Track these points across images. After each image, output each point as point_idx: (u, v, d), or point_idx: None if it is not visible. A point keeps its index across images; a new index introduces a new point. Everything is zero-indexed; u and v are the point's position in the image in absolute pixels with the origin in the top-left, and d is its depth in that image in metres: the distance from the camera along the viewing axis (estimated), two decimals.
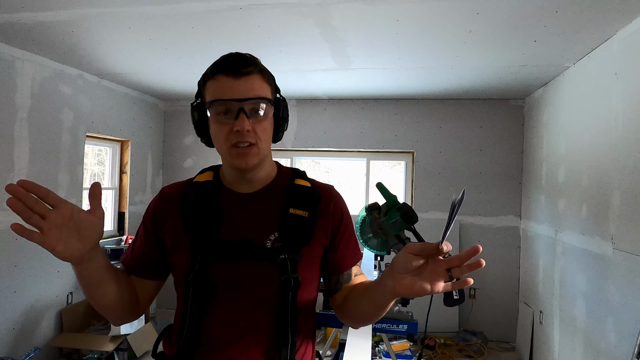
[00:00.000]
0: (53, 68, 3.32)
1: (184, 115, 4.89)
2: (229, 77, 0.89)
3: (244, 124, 0.87)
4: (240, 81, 0.89)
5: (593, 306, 2.59)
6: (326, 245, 1.00)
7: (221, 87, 0.89)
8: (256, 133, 0.90)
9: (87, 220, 0.79)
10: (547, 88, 3.55)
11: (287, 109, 1.00)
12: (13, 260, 3.04)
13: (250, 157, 0.91)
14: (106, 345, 3.19)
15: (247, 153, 0.90)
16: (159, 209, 1.01)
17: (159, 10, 2.31)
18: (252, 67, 0.91)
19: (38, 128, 3.20)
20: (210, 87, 0.91)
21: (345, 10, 2.26)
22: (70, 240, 0.78)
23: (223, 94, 0.89)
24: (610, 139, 2.43)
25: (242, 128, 0.87)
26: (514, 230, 4.18)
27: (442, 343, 3.92)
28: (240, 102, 0.88)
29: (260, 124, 0.91)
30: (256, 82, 0.91)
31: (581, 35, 2.45)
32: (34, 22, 2.50)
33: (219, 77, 0.90)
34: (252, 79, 0.90)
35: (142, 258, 1.01)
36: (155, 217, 1.01)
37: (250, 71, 0.90)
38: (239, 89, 0.89)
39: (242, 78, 0.89)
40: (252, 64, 0.91)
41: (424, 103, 4.36)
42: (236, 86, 0.89)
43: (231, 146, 0.90)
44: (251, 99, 0.89)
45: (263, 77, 0.93)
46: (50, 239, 0.76)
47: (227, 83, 0.89)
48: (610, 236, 2.40)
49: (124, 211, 4.33)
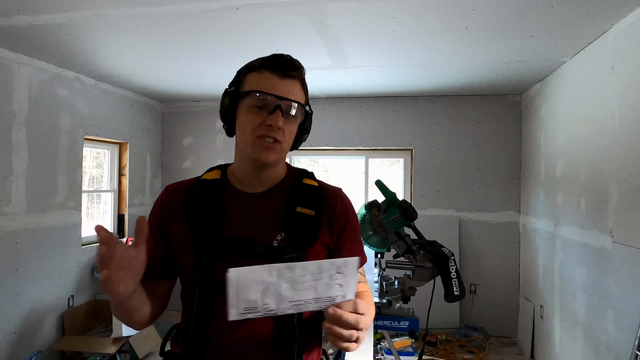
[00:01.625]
0: (50, 71, 3.32)
1: (182, 116, 4.88)
2: (274, 74, 0.93)
3: (278, 119, 0.91)
4: (283, 81, 0.93)
5: (593, 299, 2.60)
6: (329, 246, 0.99)
7: (265, 81, 0.93)
8: (284, 132, 0.93)
9: (135, 258, 0.80)
10: (544, 83, 3.55)
11: (311, 122, 1.04)
12: (14, 264, 3.04)
13: (272, 152, 0.93)
14: (108, 347, 3.19)
15: (271, 148, 0.93)
16: (165, 207, 1.02)
17: (155, 11, 2.31)
18: (297, 73, 0.95)
19: (36, 132, 3.20)
20: (253, 78, 0.94)
21: (340, 8, 2.26)
22: (127, 280, 0.79)
23: (265, 87, 0.92)
24: (607, 132, 2.44)
25: (275, 124, 0.90)
26: (514, 226, 4.19)
27: (443, 339, 3.93)
28: (280, 99, 0.92)
29: (290, 125, 0.95)
30: (296, 88, 0.95)
31: (577, 29, 2.46)
32: (30, 25, 2.50)
33: (265, 72, 0.93)
34: (294, 82, 0.95)
35: (157, 259, 0.99)
36: (162, 216, 1.01)
37: (295, 76, 0.95)
38: (281, 88, 0.92)
39: (286, 79, 0.93)
40: (298, 70, 0.96)
41: (421, 100, 4.36)
42: (279, 85, 0.92)
43: (257, 137, 0.92)
44: (290, 100, 0.93)
45: (302, 86, 0.97)
46: (115, 282, 0.77)
47: (271, 79, 0.92)
48: (609, 229, 2.41)
49: (123, 213, 4.33)
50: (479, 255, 4.24)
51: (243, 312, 0.77)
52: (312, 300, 0.79)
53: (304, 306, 0.80)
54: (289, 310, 0.79)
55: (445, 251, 2.17)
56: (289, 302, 0.79)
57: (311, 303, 0.79)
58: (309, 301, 0.79)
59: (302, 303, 0.79)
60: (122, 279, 0.78)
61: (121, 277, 0.77)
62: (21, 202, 3.09)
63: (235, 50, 2.92)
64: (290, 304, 0.79)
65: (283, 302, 0.78)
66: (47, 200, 3.31)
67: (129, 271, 0.79)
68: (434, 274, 2.20)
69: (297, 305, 0.79)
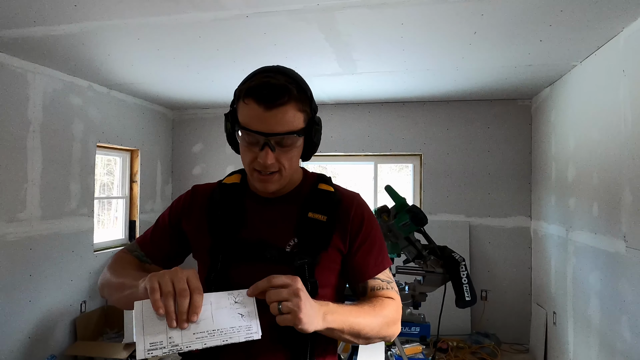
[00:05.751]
0: (63, 80, 3.38)
1: (192, 123, 4.93)
2: (260, 107, 0.85)
3: (266, 158, 0.87)
4: (271, 113, 0.85)
5: (607, 305, 2.56)
6: (343, 252, 0.98)
7: (250, 115, 0.86)
8: (280, 162, 0.90)
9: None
10: (554, 87, 3.53)
11: (320, 132, 0.97)
12: (28, 270, 3.08)
13: (271, 183, 0.92)
14: (120, 352, 3.22)
15: (268, 180, 0.92)
16: (187, 205, 1.05)
17: (167, 21, 2.35)
18: (286, 98, 0.85)
19: (50, 139, 3.26)
20: (242, 109, 0.89)
21: (349, 15, 2.28)
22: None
23: (251, 123, 0.86)
24: (619, 136, 2.42)
25: (264, 162, 0.87)
26: (525, 231, 4.15)
27: (454, 346, 3.89)
28: (267, 136, 0.86)
29: (287, 154, 0.90)
30: (288, 114, 0.86)
31: (587, 33, 2.44)
32: (45, 35, 2.55)
33: (250, 103, 0.86)
34: (283, 110, 0.86)
35: (162, 245, 1.06)
36: (184, 210, 1.05)
37: (283, 102, 0.85)
38: (267, 121, 0.85)
39: (273, 110, 0.85)
40: (286, 93, 0.85)
41: (430, 105, 4.36)
42: (265, 118, 0.85)
43: (254, 169, 0.92)
44: (279, 134, 0.86)
45: (297, 106, 0.88)
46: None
47: (256, 112, 0.85)
48: (622, 234, 2.38)
49: (134, 220, 4.38)
50: (490, 260, 4.20)
51: (150, 349, 0.73)
52: (217, 331, 0.77)
53: (209, 339, 0.76)
54: (194, 344, 0.75)
55: (456, 256, 2.16)
56: (193, 334, 0.75)
57: (216, 335, 0.77)
58: (213, 333, 0.77)
59: (206, 335, 0.76)
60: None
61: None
62: (35, 208, 3.14)
63: (245, 57, 2.95)
64: (194, 336, 0.75)
65: (186, 334, 0.75)
66: (60, 206, 3.36)
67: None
68: (444, 280, 2.19)
69: (202, 339, 0.76)
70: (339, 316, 0.84)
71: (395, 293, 1.00)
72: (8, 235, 2.93)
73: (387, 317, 0.94)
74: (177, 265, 1.11)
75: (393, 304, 0.97)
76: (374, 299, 0.96)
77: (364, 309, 0.91)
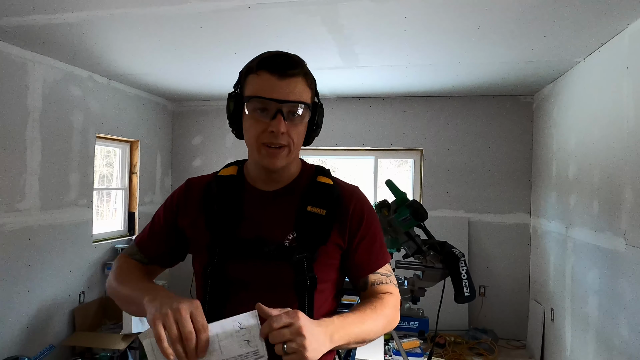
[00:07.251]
0: (63, 70, 3.36)
1: (192, 115, 4.91)
2: (272, 76, 0.87)
3: (280, 125, 0.87)
4: (283, 82, 0.87)
5: (605, 303, 2.56)
6: (342, 247, 0.97)
7: (263, 84, 0.88)
8: (290, 136, 0.90)
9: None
10: (557, 84, 3.52)
11: (322, 115, 0.99)
12: (27, 260, 3.08)
13: (279, 158, 0.91)
14: (118, 343, 3.22)
15: (276, 154, 0.90)
16: (182, 199, 1.03)
17: (168, 11, 2.33)
18: (298, 70, 0.89)
19: (49, 129, 3.24)
20: (252, 81, 0.90)
21: (352, 8, 2.25)
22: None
23: (264, 91, 0.87)
24: (621, 134, 2.41)
25: (277, 130, 0.87)
26: (524, 228, 4.15)
27: (452, 341, 3.91)
28: (280, 103, 0.87)
29: (296, 127, 0.91)
30: (299, 85, 0.89)
31: (591, 29, 2.43)
32: (44, 24, 2.53)
33: (263, 74, 0.88)
34: (295, 81, 0.89)
35: (161, 245, 1.04)
36: (178, 206, 1.02)
37: (295, 73, 0.89)
38: (281, 89, 0.87)
39: (286, 79, 0.88)
40: (299, 66, 0.90)
41: (432, 100, 4.34)
42: (279, 86, 0.87)
43: (262, 144, 0.90)
44: (291, 102, 0.88)
45: (306, 81, 0.91)
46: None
47: (269, 81, 0.87)
48: (622, 232, 2.38)
49: (134, 211, 4.37)
50: (489, 256, 4.21)
51: None
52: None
53: None
54: None
55: (455, 252, 2.15)
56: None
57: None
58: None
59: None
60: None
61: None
62: (34, 198, 3.13)
63: (246, 49, 2.93)
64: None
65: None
66: (59, 197, 3.35)
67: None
68: (444, 275, 2.19)
69: None
70: (345, 331, 0.83)
71: (394, 287, 1.01)
72: (7, 225, 2.92)
73: (388, 316, 0.94)
74: (181, 261, 1.10)
75: (392, 300, 0.97)
76: (374, 298, 0.96)
77: (366, 313, 0.90)
